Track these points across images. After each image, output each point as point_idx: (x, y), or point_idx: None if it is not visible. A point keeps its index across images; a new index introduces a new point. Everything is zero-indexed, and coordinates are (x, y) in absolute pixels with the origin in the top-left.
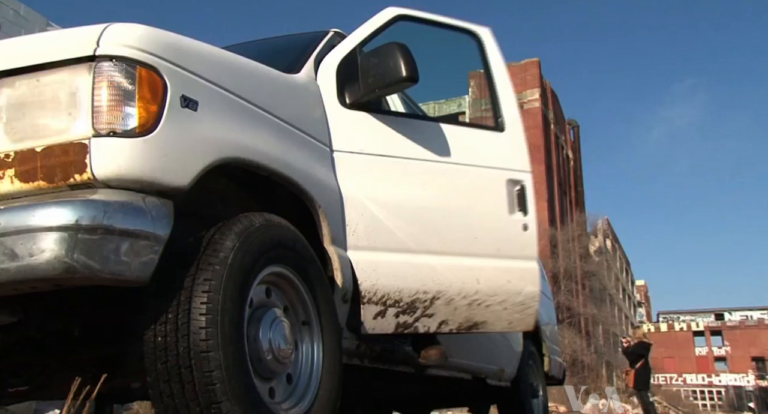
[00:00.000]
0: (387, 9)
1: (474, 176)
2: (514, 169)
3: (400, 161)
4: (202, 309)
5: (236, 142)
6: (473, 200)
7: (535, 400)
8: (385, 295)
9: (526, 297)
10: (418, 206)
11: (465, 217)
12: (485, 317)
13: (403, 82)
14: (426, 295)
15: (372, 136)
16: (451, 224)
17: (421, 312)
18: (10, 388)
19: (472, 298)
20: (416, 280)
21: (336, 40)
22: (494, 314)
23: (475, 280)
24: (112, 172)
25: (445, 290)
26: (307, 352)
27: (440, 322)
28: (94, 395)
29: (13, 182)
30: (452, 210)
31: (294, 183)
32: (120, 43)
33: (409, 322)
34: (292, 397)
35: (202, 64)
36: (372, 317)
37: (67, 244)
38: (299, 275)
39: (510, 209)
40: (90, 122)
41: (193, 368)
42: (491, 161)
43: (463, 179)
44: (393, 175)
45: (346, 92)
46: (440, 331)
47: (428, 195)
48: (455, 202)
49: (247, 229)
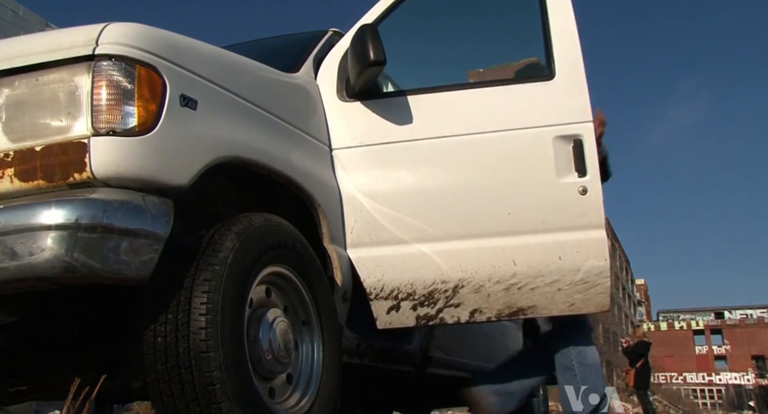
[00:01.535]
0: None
1: (504, 143)
2: (566, 122)
3: (407, 145)
4: (202, 309)
5: (236, 141)
6: (504, 172)
7: (535, 400)
8: (395, 289)
9: (588, 273)
10: (431, 190)
11: (493, 193)
12: (533, 301)
13: (371, 66)
14: (446, 285)
15: (373, 126)
16: (474, 203)
17: (444, 302)
18: (10, 388)
19: (508, 281)
20: (431, 270)
21: (335, 39)
22: (545, 297)
23: (511, 261)
24: (112, 171)
25: (470, 277)
26: (307, 351)
27: (472, 310)
28: (94, 395)
29: (12, 181)
30: (475, 187)
31: (293, 182)
32: (119, 42)
33: (432, 314)
34: (292, 397)
35: (201, 63)
36: (385, 312)
37: (66, 243)
38: (299, 275)
39: (559, 172)
40: (89, 121)
41: (193, 368)
42: (532, 120)
43: (489, 149)
44: (401, 161)
45: (345, 89)
46: (475, 320)
47: (444, 175)
48: (479, 179)
49: (247, 229)
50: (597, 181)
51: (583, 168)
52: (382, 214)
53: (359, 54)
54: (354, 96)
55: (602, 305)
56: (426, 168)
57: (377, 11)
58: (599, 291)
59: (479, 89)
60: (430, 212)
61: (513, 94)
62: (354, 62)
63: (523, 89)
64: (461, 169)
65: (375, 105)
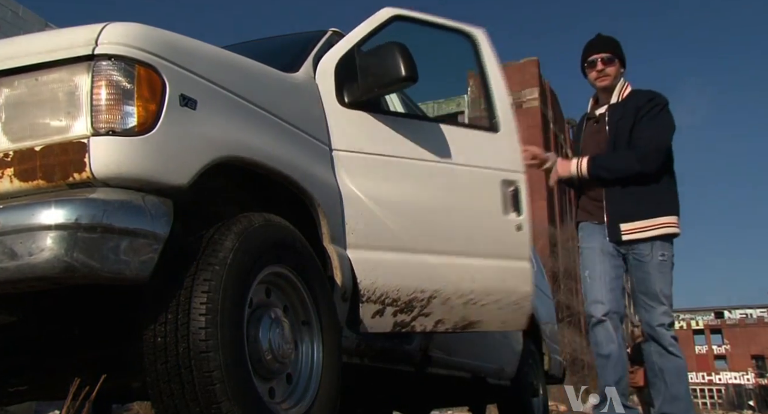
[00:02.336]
0: (384, 9)
1: (470, 176)
2: (509, 169)
3: (398, 161)
4: (202, 309)
5: (235, 140)
6: (469, 200)
7: (535, 399)
8: (383, 294)
9: (520, 297)
10: (415, 205)
11: (461, 217)
12: (480, 316)
13: (402, 82)
14: (423, 294)
15: (370, 136)
16: (447, 224)
17: (418, 311)
18: (10, 388)
19: (467, 297)
20: (414, 279)
21: (334, 39)
22: (489, 313)
23: (471, 279)
24: (111, 171)
25: (442, 289)
26: (307, 351)
27: (436, 321)
28: (94, 395)
29: (12, 181)
30: (449, 210)
31: (293, 182)
32: (118, 42)
33: (407, 321)
34: (292, 397)
35: (200, 63)
36: (371, 316)
37: (66, 242)
38: (299, 275)
39: (504, 210)
40: (89, 121)
41: (193, 368)
42: (486, 162)
43: (459, 179)
44: (391, 174)
45: (345, 91)
46: (437, 330)
47: (426, 195)
48: (452, 202)
49: (247, 229)
50: (528, 222)
51: (519, 209)
52: (381, 219)
53: (388, 69)
54: (355, 105)
55: (523, 325)
56: (408, 185)
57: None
58: (524, 312)
59: (453, 126)
60: (416, 225)
61: (476, 136)
62: (377, 76)
63: (483, 135)
64: (437, 191)
65: (370, 117)
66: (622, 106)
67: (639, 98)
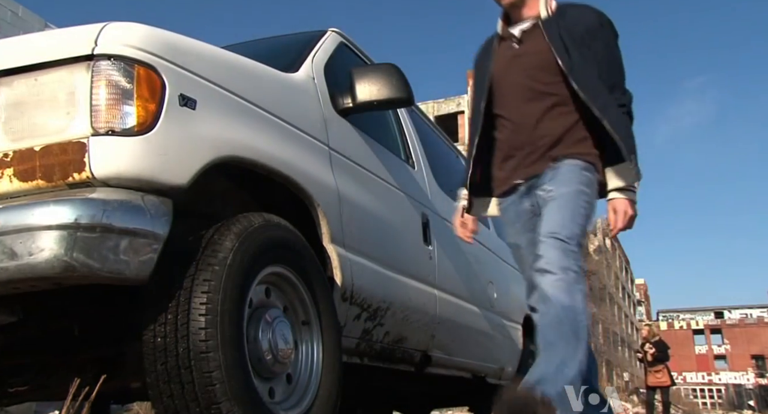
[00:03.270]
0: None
1: (403, 203)
2: (424, 203)
3: (370, 175)
4: (202, 309)
5: (235, 140)
6: (408, 225)
7: None
8: (366, 299)
9: (430, 318)
10: (381, 220)
11: (405, 239)
12: (408, 333)
13: (400, 103)
14: (385, 304)
15: (355, 146)
16: (398, 243)
17: (379, 319)
18: (10, 388)
19: (405, 313)
20: (383, 288)
21: (335, 39)
22: (413, 331)
23: (409, 297)
24: (111, 171)
25: (396, 302)
26: (307, 351)
27: (386, 332)
28: (94, 395)
29: (11, 181)
30: (399, 231)
31: (293, 181)
32: (118, 42)
33: (369, 329)
34: (292, 397)
35: (200, 63)
36: (352, 319)
37: (66, 242)
38: (299, 275)
39: (424, 239)
40: (88, 121)
41: (193, 369)
42: (413, 193)
43: (401, 203)
44: (368, 185)
45: (338, 98)
46: (382, 341)
47: (386, 212)
48: (401, 224)
49: (246, 230)
50: (436, 253)
51: (430, 240)
52: (366, 224)
53: (389, 88)
54: (348, 114)
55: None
56: (377, 199)
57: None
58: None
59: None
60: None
61: (406, 169)
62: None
63: (409, 169)
64: (391, 211)
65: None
66: (557, 20)
67: (584, 16)
